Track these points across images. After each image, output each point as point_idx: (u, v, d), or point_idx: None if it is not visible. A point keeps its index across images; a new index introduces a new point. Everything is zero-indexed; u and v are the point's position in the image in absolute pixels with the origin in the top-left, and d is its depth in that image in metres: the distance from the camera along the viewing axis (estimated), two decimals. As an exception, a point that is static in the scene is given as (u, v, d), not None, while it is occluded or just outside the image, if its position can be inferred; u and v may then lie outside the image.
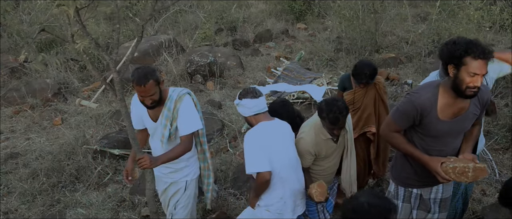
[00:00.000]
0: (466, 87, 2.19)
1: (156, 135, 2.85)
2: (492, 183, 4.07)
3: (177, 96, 2.75)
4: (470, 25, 6.81)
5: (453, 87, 2.25)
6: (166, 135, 2.77)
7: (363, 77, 3.44)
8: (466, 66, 2.16)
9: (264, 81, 6.95)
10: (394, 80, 6.70)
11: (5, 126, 5.94)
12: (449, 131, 2.40)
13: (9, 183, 4.56)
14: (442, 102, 2.32)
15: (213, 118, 5.56)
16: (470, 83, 2.17)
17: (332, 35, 8.88)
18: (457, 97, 2.27)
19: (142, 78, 2.56)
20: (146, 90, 2.58)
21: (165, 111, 2.75)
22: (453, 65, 2.22)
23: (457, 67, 2.20)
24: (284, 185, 2.69)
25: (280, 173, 2.66)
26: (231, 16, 10.20)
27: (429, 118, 2.35)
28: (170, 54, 7.73)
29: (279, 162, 2.65)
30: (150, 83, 2.57)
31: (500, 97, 5.50)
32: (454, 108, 2.34)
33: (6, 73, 7.34)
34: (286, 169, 2.70)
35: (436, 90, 2.34)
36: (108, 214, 4.01)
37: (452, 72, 2.24)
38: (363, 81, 3.47)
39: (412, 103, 2.36)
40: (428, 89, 2.37)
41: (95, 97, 6.59)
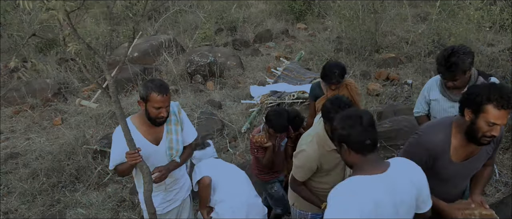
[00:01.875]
0: (483, 135, 1.98)
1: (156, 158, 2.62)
2: (492, 183, 4.07)
3: (177, 108, 2.71)
4: (470, 25, 6.81)
5: (467, 132, 2.02)
6: (181, 148, 2.70)
7: (333, 77, 3.37)
8: (486, 114, 1.93)
9: (264, 81, 6.95)
10: (394, 80, 6.70)
11: (5, 126, 5.94)
12: (461, 173, 2.20)
13: (9, 183, 4.56)
14: (455, 143, 2.09)
15: (213, 118, 5.56)
16: (487, 132, 1.95)
17: (332, 35, 8.88)
18: None
19: (163, 87, 2.43)
20: (166, 99, 2.45)
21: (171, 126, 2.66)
22: (471, 110, 1.98)
23: (475, 113, 1.96)
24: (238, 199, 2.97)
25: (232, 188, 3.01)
26: (231, 16, 10.20)
27: (442, 161, 2.12)
28: (170, 54, 7.73)
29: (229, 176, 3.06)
30: (169, 92, 2.48)
31: (500, 97, 5.49)
32: (468, 150, 2.12)
33: (6, 73, 7.35)
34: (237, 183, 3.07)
35: (448, 130, 2.10)
36: (108, 214, 4.01)
37: (469, 117, 2.00)
38: (333, 81, 3.39)
39: (422, 146, 2.10)
40: (440, 129, 2.11)
41: (95, 97, 6.59)
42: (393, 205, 1.77)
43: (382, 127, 4.75)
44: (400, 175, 1.83)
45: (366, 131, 1.79)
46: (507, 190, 3.97)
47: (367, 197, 1.71)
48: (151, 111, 2.47)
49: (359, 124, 1.80)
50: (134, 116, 2.61)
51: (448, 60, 2.56)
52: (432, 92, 2.90)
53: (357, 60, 7.39)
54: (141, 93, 2.48)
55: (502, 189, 3.99)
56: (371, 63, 7.40)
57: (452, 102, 2.79)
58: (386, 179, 1.78)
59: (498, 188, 4.01)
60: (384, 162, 1.85)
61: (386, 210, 1.74)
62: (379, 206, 1.72)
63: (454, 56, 2.55)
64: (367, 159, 1.82)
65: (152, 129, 2.59)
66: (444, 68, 2.60)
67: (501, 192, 3.96)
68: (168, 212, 2.86)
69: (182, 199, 2.92)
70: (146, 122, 2.54)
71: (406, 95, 6.02)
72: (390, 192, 1.76)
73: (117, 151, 2.54)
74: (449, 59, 2.56)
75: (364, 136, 1.79)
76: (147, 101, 2.45)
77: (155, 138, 2.62)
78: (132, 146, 2.35)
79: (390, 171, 1.81)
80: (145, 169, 2.40)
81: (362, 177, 1.78)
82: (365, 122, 1.80)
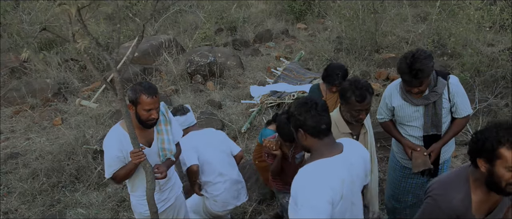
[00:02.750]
0: (507, 184, 1.72)
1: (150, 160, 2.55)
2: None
3: (164, 108, 2.71)
4: (470, 25, 6.81)
5: (489, 185, 1.79)
6: (173, 147, 2.73)
7: (336, 78, 3.34)
8: (503, 160, 1.69)
9: (264, 81, 6.95)
10: (394, 80, 6.69)
11: (5, 126, 5.94)
12: None
13: (9, 183, 4.56)
14: (477, 199, 1.85)
15: (213, 118, 5.56)
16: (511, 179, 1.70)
17: (332, 35, 8.88)
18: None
19: (152, 89, 2.46)
20: (156, 101, 2.48)
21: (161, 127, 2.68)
22: (485, 160, 1.75)
23: (490, 162, 1.73)
24: (224, 179, 3.28)
25: (219, 170, 3.27)
26: (231, 16, 10.20)
27: None
28: (170, 54, 7.73)
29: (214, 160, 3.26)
30: (158, 94, 2.51)
31: (500, 97, 5.50)
32: (490, 203, 1.89)
33: (6, 73, 7.35)
34: (223, 165, 3.29)
35: (466, 186, 1.86)
36: (108, 214, 4.00)
37: (484, 167, 1.76)
38: (336, 82, 3.34)
39: (441, 210, 1.86)
40: (458, 188, 1.87)
41: (95, 97, 6.59)
42: (352, 180, 1.97)
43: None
44: (353, 153, 2.03)
45: (320, 116, 1.92)
46: (507, 190, 3.97)
47: (335, 176, 1.88)
48: (142, 113, 2.48)
49: (314, 109, 1.92)
50: (123, 121, 2.59)
51: (412, 68, 2.52)
52: (393, 98, 2.88)
53: (357, 60, 7.39)
54: (130, 96, 2.49)
55: (502, 189, 3.99)
56: (371, 63, 7.40)
57: (415, 106, 2.81)
58: (344, 158, 1.95)
59: (498, 188, 4.01)
60: (338, 144, 2.01)
61: (348, 185, 1.93)
62: (344, 182, 1.90)
63: (417, 62, 2.51)
64: (323, 142, 1.95)
65: (142, 132, 2.60)
66: (410, 76, 2.56)
67: (501, 192, 3.96)
68: (163, 212, 2.86)
69: (175, 197, 2.94)
70: (137, 125, 2.54)
71: (406, 95, 6.01)
72: (348, 169, 1.95)
73: (111, 157, 2.54)
74: (413, 67, 2.52)
75: (319, 121, 1.91)
76: (137, 104, 2.47)
77: (146, 140, 2.63)
78: (136, 144, 2.37)
79: (345, 151, 1.98)
80: (148, 168, 2.41)
81: (325, 159, 1.92)
82: (319, 107, 1.93)
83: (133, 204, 2.85)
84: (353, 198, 1.99)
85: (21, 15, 8.71)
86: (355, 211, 2.03)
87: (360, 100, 2.48)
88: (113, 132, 2.58)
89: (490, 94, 5.58)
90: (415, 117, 2.84)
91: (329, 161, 1.91)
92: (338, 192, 1.85)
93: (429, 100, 2.75)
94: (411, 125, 2.88)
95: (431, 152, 2.85)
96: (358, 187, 2.05)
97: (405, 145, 2.90)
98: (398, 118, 2.94)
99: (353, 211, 2.01)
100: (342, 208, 1.90)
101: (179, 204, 3.01)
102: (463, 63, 6.26)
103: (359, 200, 2.08)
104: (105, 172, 2.61)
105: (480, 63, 6.28)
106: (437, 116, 2.79)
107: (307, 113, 1.92)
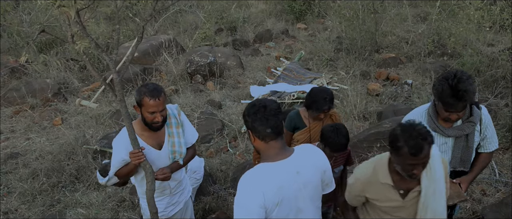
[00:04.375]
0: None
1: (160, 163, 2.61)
2: (492, 183, 4.07)
3: (176, 110, 2.69)
4: (470, 25, 6.81)
5: None
6: (184, 150, 2.69)
7: (324, 103, 2.97)
8: None
9: (264, 81, 6.95)
10: (394, 80, 6.70)
11: (5, 126, 5.94)
12: None
13: (9, 183, 4.56)
14: None
15: (213, 118, 5.56)
16: None
17: (332, 35, 8.88)
18: None
19: (155, 91, 2.40)
20: (160, 103, 2.42)
21: (172, 130, 2.65)
22: None
23: None
24: None
25: None
26: (231, 16, 10.20)
27: None
28: (170, 54, 7.73)
29: None
30: (162, 96, 2.43)
31: (500, 97, 5.50)
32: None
33: (6, 73, 7.35)
34: None
35: None
36: (108, 214, 4.00)
37: None
38: (325, 108, 2.98)
39: None
40: None
41: (95, 97, 6.59)
42: (297, 187, 1.96)
43: (382, 127, 4.75)
44: (303, 160, 2.01)
45: (267, 120, 1.91)
46: (507, 190, 3.97)
47: (271, 182, 1.90)
48: (146, 116, 2.46)
49: (261, 113, 1.92)
50: (135, 122, 2.59)
51: (458, 89, 2.17)
52: None
53: (357, 60, 7.39)
54: (136, 98, 2.47)
55: (502, 189, 3.99)
56: (371, 63, 7.40)
57: (445, 138, 2.45)
58: (289, 164, 1.95)
59: (498, 188, 4.01)
60: (288, 149, 2.01)
61: (289, 191, 1.93)
62: (283, 188, 1.91)
63: (461, 82, 2.17)
64: (269, 145, 1.96)
65: (154, 134, 2.58)
66: (455, 99, 2.18)
67: (501, 192, 3.96)
68: (173, 216, 2.86)
69: (184, 201, 2.93)
70: (145, 127, 2.54)
71: (406, 95, 6.02)
72: (293, 175, 1.94)
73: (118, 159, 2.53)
74: (458, 87, 2.17)
75: (265, 124, 1.92)
76: (142, 106, 2.44)
77: (157, 142, 2.61)
78: (136, 145, 2.36)
79: (293, 157, 1.98)
80: (148, 168, 2.41)
81: (267, 164, 1.95)
82: (267, 111, 1.92)
83: (143, 208, 2.84)
84: (300, 204, 2.00)
85: (21, 15, 8.72)
86: (303, 217, 2.04)
87: (414, 152, 1.89)
88: (123, 135, 2.49)
89: (490, 94, 5.58)
90: (442, 150, 2.47)
91: (270, 166, 1.94)
92: (273, 197, 1.88)
93: (464, 131, 2.40)
94: None
95: (460, 183, 2.48)
96: (308, 194, 2.02)
97: None
98: None
99: (300, 217, 2.03)
100: (281, 214, 1.95)
101: (187, 207, 3.01)
102: (463, 63, 6.27)
103: (309, 207, 2.05)
104: (110, 171, 2.62)
105: (480, 63, 6.28)
106: (469, 150, 2.46)
107: (255, 115, 1.93)
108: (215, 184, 4.34)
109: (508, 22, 7.21)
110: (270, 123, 1.92)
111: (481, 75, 6.14)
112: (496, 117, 5.04)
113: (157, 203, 2.54)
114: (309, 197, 2.04)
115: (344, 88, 6.34)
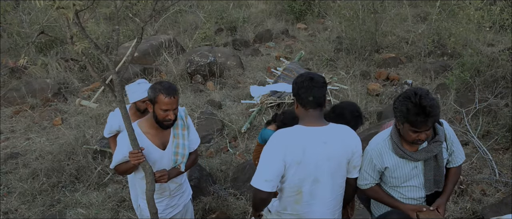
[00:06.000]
0: None
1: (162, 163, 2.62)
2: (492, 183, 4.07)
3: (184, 113, 2.70)
4: (470, 25, 6.81)
5: None
6: (187, 154, 2.68)
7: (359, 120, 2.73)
8: None
9: (264, 81, 6.95)
10: (394, 80, 6.70)
11: (5, 126, 5.94)
12: None
13: (9, 183, 4.56)
14: None
15: (213, 118, 5.56)
16: None
17: (332, 35, 8.88)
18: None
19: (171, 89, 2.41)
20: (174, 101, 2.42)
21: (177, 131, 2.65)
22: None
23: None
24: None
25: None
26: (231, 16, 10.20)
27: None
28: (170, 54, 7.73)
29: None
30: (177, 94, 2.45)
31: (500, 97, 5.50)
32: None
33: (6, 73, 7.35)
34: None
35: None
36: (108, 214, 4.01)
37: None
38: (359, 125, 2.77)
39: None
40: None
41: (95, 97, 6.59)
42: (321, 155, 2.14)
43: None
44: (334, 134, 2.19)
45: (311, 89, 2.14)
46: (507, 190, 3.97)
47: (297, 141, 2.13)
48: (159, 113, 2.45)
49: (307, 82, 2.15)
50: (141, 120, 2.60)
51: (423, 105, 2.07)
52: (384, 157, 2.33)
53: (357, 60, 7.39)
54: (149, 95, 2.47)
55: (502, 189, 3.99)
56: (371, 63, 7.40)
57: (414, 162, 2.32)
58: (320, 132, 2.16)
59: (498, 188, 4.01)
60: (325, 122, 2.22)
61: (311, 157, 2.13)
62: (306, 151, 2.12)
63: (424, 98, 2.08)
64: (308, 113, 2.18)
65: (159, 133, 2.58)
66: (423, 116, 2.08)
67: (501, 192, 3.96)
68: (172, 216, 2.86)
69: (184, 204, 2.92)
70: (154, 125, 2.53)
71: (406, 95, 6.01)
72: (320, 143, 2.14)
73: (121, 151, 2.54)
74: (423, 103, 2.07)
75: (308, 93, 2.14)
76: (155, 103, 2.44)
77: (162, 142, 2.61)
78: (136, 145, 2.36)
79: (326, 128, 2.19)
80: (148, 169, 2.41)
81: (300, 126, 2.18)
82: (313, 82, 2.15)
83: (142, 208, 2.84)
84: (318, 174, 2.16)
85: (21, 15, 8.72)
86: (318, 191, 2.20)
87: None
88: None
89: (490, 94, 5.58)
90: (412, 175, 2.35)
91: (301, 129, 2.17)
92: (294, 155, 2.11)
93: (432, 152, 2.28)
94: (409, 185, 2.38)
95: (438, 208, 2.36)
96: (330, 168, 2.17)
97: (407, 209, 2.35)
98: (391, 180, 2.39)
99: (315, 189, 2.19)
100: (299, 175, 2.15)
101: (186, 211, 2.99)
102: (463, 63, 6.26)
103: (328, 182, 2.20)
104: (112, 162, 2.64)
105: (480, 63, 6.28)
106: (440, 169, 2.35)
107: (301, 83, 2.16)
108: (215, 184, 4.34)
109: (508, 22, 7.21)
110: (313, 92, 2.13)
111: (481, 75, 6.14)
112: (496, 117, 5.04)
113: (156, 204, 2.54)
114: (330, 171, 2.17)
115: (344, 88, 6.34)
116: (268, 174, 2.13)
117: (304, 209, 2.23)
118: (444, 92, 5.74)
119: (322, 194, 2.21)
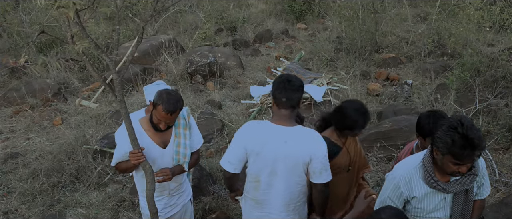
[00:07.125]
0: None
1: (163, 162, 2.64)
2: (492, 183, 4.07)
3: (186, 113, 2.72)
4: (470, 25, 6.81)
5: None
6: (188, 154, 2.69)
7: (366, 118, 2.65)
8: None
9: (264, 81, 6.95)
10: (394, 80, 6.70)
11: (5, 126, 5.94)
12: None
13: (9, 183, 4.56)
14: None
15: (213, 118, 5.56)
16: None
17: (332, 35, 8.88)
18: None
19: (173, 106, 2.42)
20: (171, 118, 2.47)
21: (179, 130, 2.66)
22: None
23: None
24: None
25: None
26: (231, 16, 10.20)
27: None
28: (170, 54, 7.73)
29: None
30: (177, 112, 2.48)
31: (500, 97, 5.50)
32: None
33: (6, 73, 7.35)
34: None
35: None
36: (108, 214, 4.01)
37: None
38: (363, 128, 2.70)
39: None
40: None
41: (95, 97, 6.59)
42: (280, 152, 2.33)
43: (382, 127, 4.75)
44: (297, 136, 2.35)
45: (285, 90, 2.31)
46: (507, 190, 3.97)
47: (260, 133, 2.37)
48: (154, 118, 2.53)
49: (283, 84, 2.33)
50: (142, 119, 2.63)
51: (470, 137, 1.89)
52: (415, 187, 2.16)
53: (357, 60, 7.39)
54: (154, 97, 2.51)
55: (502, 189, 3.99)
56: (371, 63, 7.40)
57: (444, 194, 2.17)
58: (284, 132, 2.34)
59: (498, 188, 4.02)
60: (292, 122, 2.39)
61: (270, 150, 2.34)
62: (266, 144, 2.34)
63: (471, 129, 1.90)
64: (280, 112, 2.36)
65: (160, 132, 2.60)
66: (470, 150, 1.90)
67: (501, 192, 3.96)
68: (170, 218, 2.86)
69: (183, 204, 2.93)
70: None
71: (406, 95, 6.02)
72: (281, 142, 2.32)
73: (120, 151, 2.57)
74: (470, 136, 1.89)
75: (282, 94, 2.31)
76: (155, 108, 2.49)
77: (163, 141, 2.63)
78: (136, 145, 2.37)
79: (291, 129, 2.35)
80: (148, 168, 2.41)
81: (268, 123, 2.39)
82: (289, 85, 2.32)
83: (141, 206, 2.86)
84: (276, 168, 2.37)
85: (21, 15, 8.71)
86: (275, 183, 2.41)
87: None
88: None
89: (490, 94, 5.58)
90: (439, 206, 2.20)
91: (268, 125, 2.38)
92: (254, 145, 2.36)
93: (466, 186, 2.14)
94: (433, 217, 2.23)
95: None
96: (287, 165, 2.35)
97: None
98: (416, 211, 2.23)
99: (272, 180, 2.41)
100: (257, 165, 2.40)
101: (185, 211, 3.00)
102: (463, 63, 6.26)
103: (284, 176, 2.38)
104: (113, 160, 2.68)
105: (480, 63, 6.28)
106: (469, 204, 2.21)
107: (278, 84, 2.35)
108: (215, 184, 4.34)
109: (508, 22, 7.21)
110: (287, 94, 2.30)
111: (481, 75, 6.14)
112: (496, 117, 5.04)
113: (156, 203, 2.55)
114: (286, 168, 2.37)
115: (344, 88, 6.34)
116: (231, 156, 2.45)
117: (261, 196, 2.48)
118: (444, 92, 5.74)
119: (278, 186, 2.43)
